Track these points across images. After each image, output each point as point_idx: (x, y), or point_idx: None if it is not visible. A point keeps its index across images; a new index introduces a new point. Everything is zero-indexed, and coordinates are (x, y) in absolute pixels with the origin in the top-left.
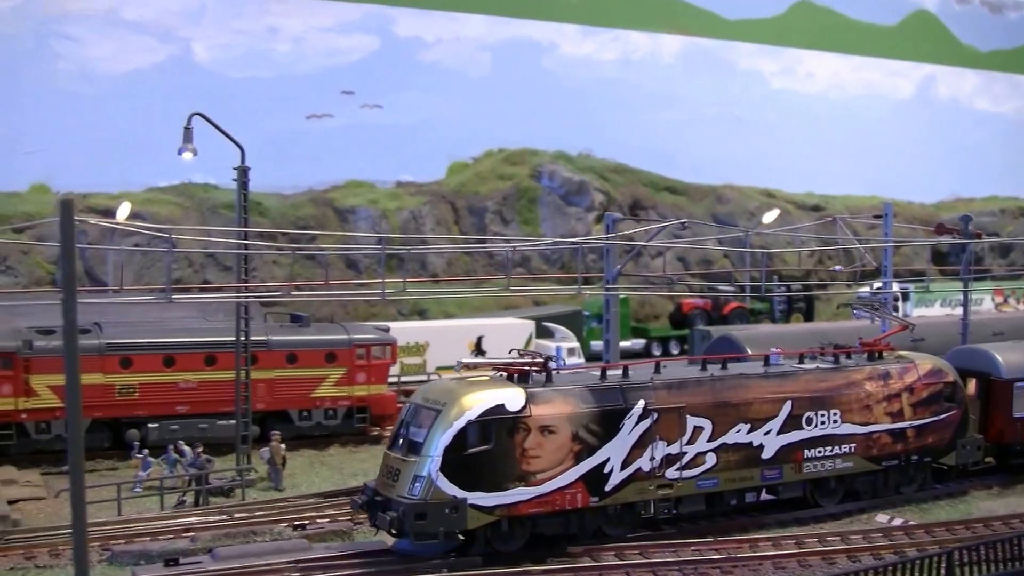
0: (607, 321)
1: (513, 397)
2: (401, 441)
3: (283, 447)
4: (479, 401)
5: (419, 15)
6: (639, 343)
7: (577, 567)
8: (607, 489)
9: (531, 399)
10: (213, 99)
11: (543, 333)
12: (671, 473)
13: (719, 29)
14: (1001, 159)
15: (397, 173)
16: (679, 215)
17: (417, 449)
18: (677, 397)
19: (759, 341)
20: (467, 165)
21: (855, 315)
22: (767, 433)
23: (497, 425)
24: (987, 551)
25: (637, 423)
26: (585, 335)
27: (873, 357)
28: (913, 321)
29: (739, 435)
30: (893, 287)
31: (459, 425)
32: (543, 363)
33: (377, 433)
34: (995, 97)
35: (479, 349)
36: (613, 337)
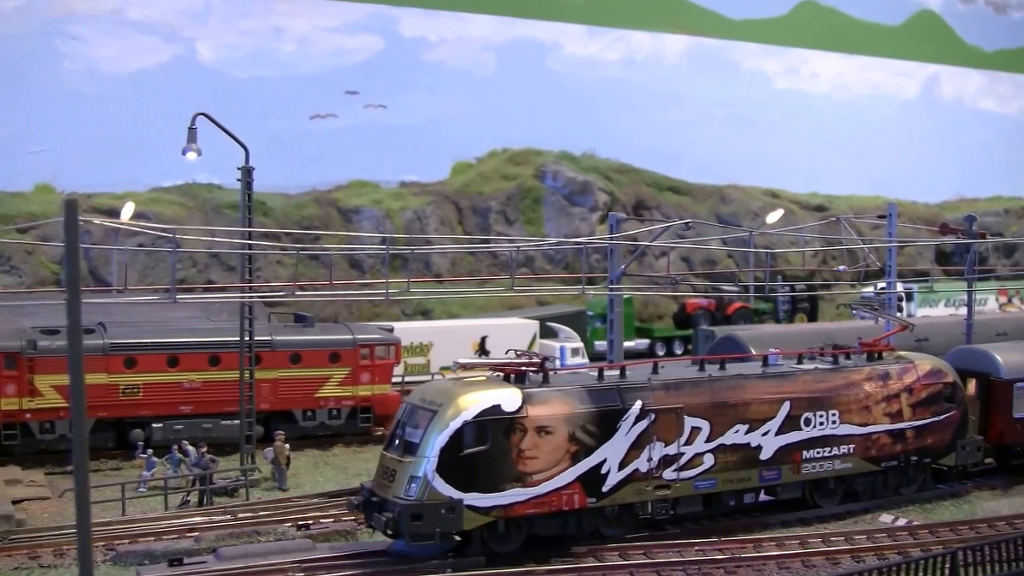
0: (611, 321)
1: (509, 398)
2: (397, 442)
3: (287, 447)
4: (475, 402)
5: (424, 15)
6: (643, 343)
7: (581, 567)
8: (604, 490)
9: (528, 400)
10: (217, 99)
11: (547, 333)
12: (669, 474)
13: (723, 29)
14: (1005, 159)
15: (401, 173)
16: (683, 215)
17: (413, 450)
18: (675, 398)
19: (763, 341)
20: (471, 165)
21: (854, 315)
22: (765, 434)
23: (493, 426)
24: (991, 551)
25: (634, 424)
26: (589, 335)
27: (872, 358)
28: (915, 321)
29: (737, 436)
30: (897, 287)
31: (455, 426)
32: (540, 363)
33: (381, 433)
34: (1000, 97)
35: (483, 349)
36: (617, 337)
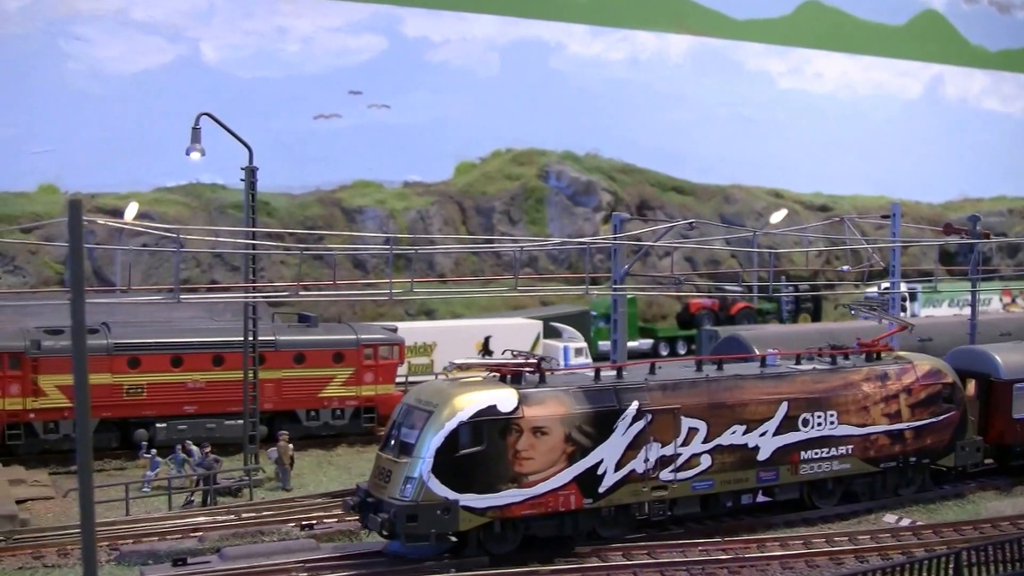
0: (614, 321)
1: (506, 398)
2: (393, 442)
3: (291, 447)
4: (471, 402)
5: (427, 15)
6: (646, 343)
7: (584, 567)
8: (601, 491)
9: (524, 400)
10: (221, 99)
11: (551, 333)
12: (665, 475)
13: (727, 29)
14: (1009, 159)
15: (405, 173)
16: (686, 215)
17: (409, 450)
18: (672, 398)
19: (767, 341)
20: (474, 165)
21: (853, 315)
22: (763, 434)
23: (489, 426)
24: (995, 551)
25: (631, 424)
26: (592, 335)
27: (871, 358)
28: (919, 321)
29: (734, 436)
30: (901, 287)
31: (451, 426)
32: (536, 364)
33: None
34: (1004, 97)
35: (486, 349)
36: (620, 337)
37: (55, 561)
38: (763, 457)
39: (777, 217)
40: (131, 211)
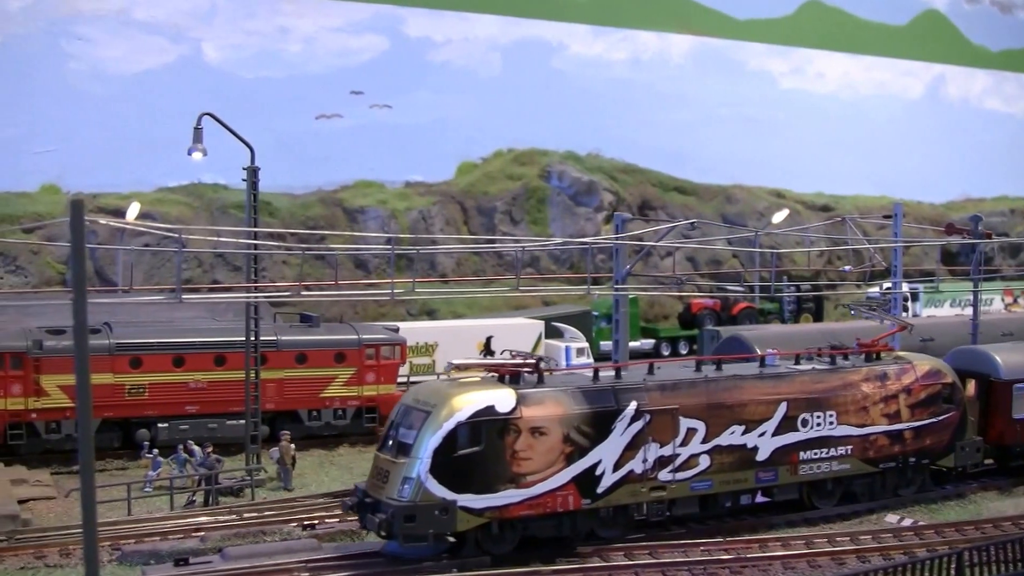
0: (616, 321)
1: (504, 398)
2: (391, 442)
3: (292, 447)
4: (469, 402)
5: (429, 15)
6: (648, 343)
7: (586, 567)
8: (599, 491)
9: (522, 400)
10: (223, 99)
11: (552, 333)
12: (664, 475)
13: (729, 29)
14: (1011, 159)
15: (406, 173)
16: (688, 215)
17: (407, 451)
18: (670, 398)
19: (768, 341)
20: (476, 165)
21: (852, 315)
22: (762, 435)
23: (487, 426)
24: (997, 551)
25: (629, 425)
26: (594, 335)
27: (871, 358)
28: (920, 321)
29: (733, 437)
30: (902, 287)
31: (449, 427)
32: (535, 364)
33: None
34: (1006, 97)
35: (488, 349)
36: (622, 337)
37: (57, 561)
38: (762, 457)
39: (779, 217)
40: (133, 211)
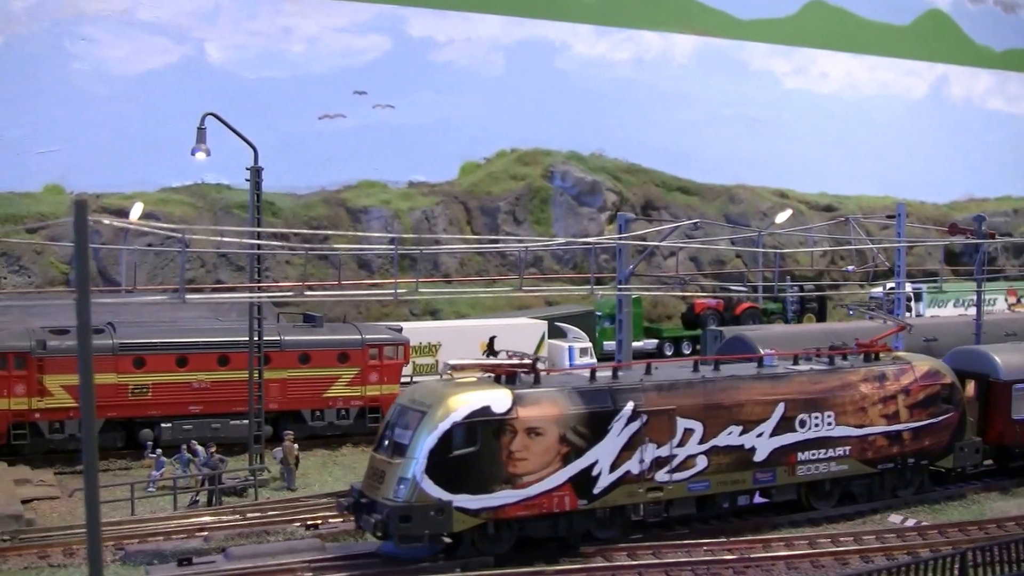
0: (619, 321)
1: (500, 399)
2: (387, 443)
3: (296, 447)
4: (465, 403)
5: (432, 15)
6: (651, 343)
7: (589, 567)
8: (596, 492)
9: (518, 401)
10: (227, 99)
11: (556, 333)
12: (661, 476)
13: (732, 29)
14: (1014, 159)
15: (409, 173)
16: (691, 215)
17: (402, 451)
18: (667, 399)
19: (772, 342)
20: (479, 165)
21: (851, 315)
22: (759, 435)
23: (483, 427)
24: (1000, 552)
25: (626, 425)
26: (597, 335)
27: (869, 358)
28: (924, 321)
29: (731, 437)
30: (906, 287)
31: (444, 427)
32: (531, 364)
33: None
34: (1009, 97)
35: (491, 349)
36: (625, 337)
37: (61, 561)
38: (760, 458)
39: (782, 217)
40: (136, 211)
